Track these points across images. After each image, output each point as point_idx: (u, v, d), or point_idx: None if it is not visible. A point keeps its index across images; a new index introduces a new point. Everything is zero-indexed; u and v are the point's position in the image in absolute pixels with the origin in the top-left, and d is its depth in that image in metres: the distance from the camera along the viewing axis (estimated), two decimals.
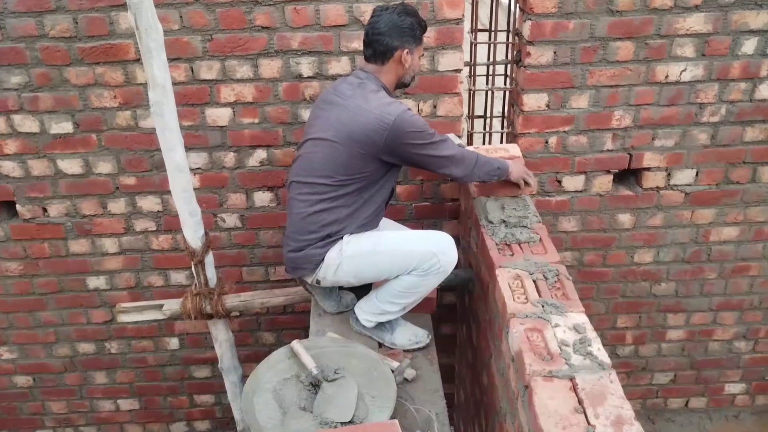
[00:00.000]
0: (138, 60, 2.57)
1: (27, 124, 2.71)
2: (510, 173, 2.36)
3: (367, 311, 2.35)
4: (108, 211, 2.92)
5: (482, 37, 2.92)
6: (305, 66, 2.63)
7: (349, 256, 2.20)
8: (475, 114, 3.00)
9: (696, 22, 2.59)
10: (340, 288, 2.50)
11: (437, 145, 2.17)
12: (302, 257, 2.26)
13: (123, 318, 2.73)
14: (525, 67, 2.66)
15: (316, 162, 2.19)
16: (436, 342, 2.44)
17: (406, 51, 2.18)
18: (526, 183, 2.43)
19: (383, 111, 2.08)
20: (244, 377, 2.76)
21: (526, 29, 2.59)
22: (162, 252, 3.04)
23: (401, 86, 2.32)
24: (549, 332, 1.74)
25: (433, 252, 2.15)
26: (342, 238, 2.22)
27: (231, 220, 2.98)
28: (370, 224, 2.29)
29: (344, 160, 2.14)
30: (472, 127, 3.01)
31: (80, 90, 2.65)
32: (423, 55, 2.34)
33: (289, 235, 2.30)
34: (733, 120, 2.82)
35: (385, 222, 2.53)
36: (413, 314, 2.45)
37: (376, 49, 2.18)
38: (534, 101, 2.72)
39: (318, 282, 2.32)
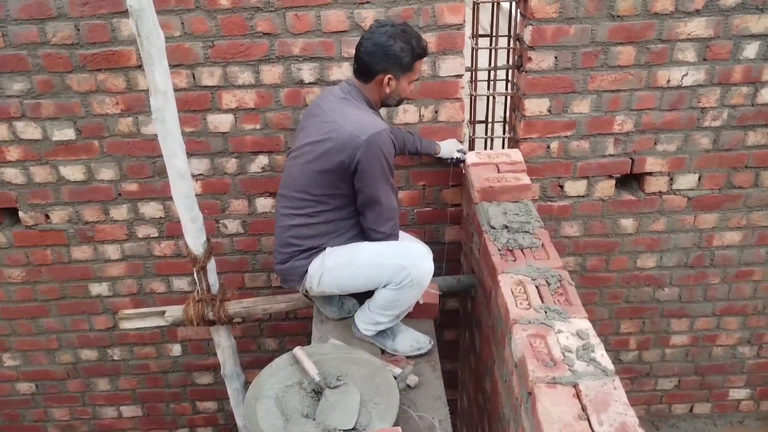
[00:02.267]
0: (140, 66, 2.57)
1: (29, 130, 2.72)
2: None
3: (363, 320, 2.35)
4: (110, 218, 2.92)
5: (483, 42, 2.92)
6: (306, 72, 2.63)
7: (329, 268, 2.21)
8: (477, 119, 3.00)
9: (697, 27, 2.59)
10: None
11: (389, 188, 2.13)
12: (288, 269, 2.27)
13: (125, 324, 2.73)
14: (526, 72, 2.66)
15: (294, 175, 2.19)
16: (439, 348, 2.43)
17: (388, 77, 2.11)
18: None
19: (356, 129, 2.03)
20: (246, 384, 2.75)
21: (527, 34, 2.59)
22: (164, 258, 3.04)
23: (386, 106, 2.28)
24: (552, 338, 1.73)
25: (402, 265, 2.13)
26: (324, 249, 2.22)
27: (233, 226, 2.98)
28: (357, 237, 2.28)
29: (317, 175, 2.12)
30: (474, 133, 3.01)
31: (82, 97, 2.65)
32: (417, 80, 2.25)
33: (275, 248, 2.32)
34: (735, 124, 2.82)
35: None
36: (415, 320, 2.44)
37: (360, 68, 2.15)
38: (535, 106, 2.72)
39: (307, 292, 2.32)
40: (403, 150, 2.61)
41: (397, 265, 2.13)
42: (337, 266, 2.21)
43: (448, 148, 2.71)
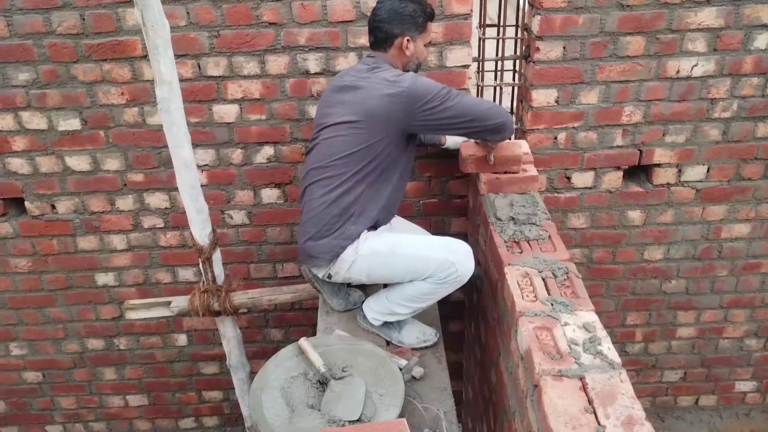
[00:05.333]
0: (145, 56, 2.56)
1: (35, 121, 2.71)
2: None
3: (375, 310, 2.33)
4: (116, 208, 2.92)
5: (491, 32, 2.90)
6: (312, 62, 2.61)
7: (364, 255, 2.18)
8: None
9: (707, 17, 2.56)
10: (348, 285, 2.49)
11: (454, 98, 2.10)
12: (321, 246, 2.20)
13: (131, 314, 2.74)
14: (534, 62, 2.63)
15: (337, 146, 2.16)
16: (444, 339, 2.43)
17: (407, 39, 2.17)
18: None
19: (395, 82, 2.07)
20: (252, 374, 2.76)
21: (535, 24, 2.57)
22: (170, 249, 3.05)
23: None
24: (558, 331, 1.73)
25: (451, 261, 2.12)
26: (359, 236, 2.20)
27: (238, 216, 2.98)
28: (387, 209, 2.27)
29: (366, 138, 2.11)
30: None
31: (88, 87, 2.65)
32: (429, 42, 2.31)
33: (306, 222, 2.24)
34: (745, 116, 2.79)
35: (398, 221, 2.51)
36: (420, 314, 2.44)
37: (378, 37, 2.19)
38: (543, 97, 2.70)
39: (329, 276, 2.29)
40: None
41: (445, 261, 2.12)
42: (375, 253, 2.18)
43: (454, 139, 2.69)
